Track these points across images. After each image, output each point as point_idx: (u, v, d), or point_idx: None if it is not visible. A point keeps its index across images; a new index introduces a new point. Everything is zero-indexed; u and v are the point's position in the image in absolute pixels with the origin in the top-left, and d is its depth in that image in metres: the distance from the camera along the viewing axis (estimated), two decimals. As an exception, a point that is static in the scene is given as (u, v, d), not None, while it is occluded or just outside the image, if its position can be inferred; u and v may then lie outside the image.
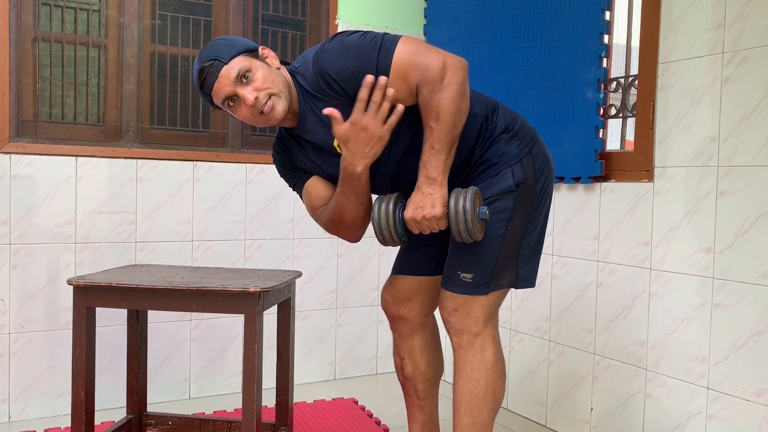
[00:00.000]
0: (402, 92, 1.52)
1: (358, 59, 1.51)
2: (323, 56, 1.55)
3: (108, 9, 2.65)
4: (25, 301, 2.46)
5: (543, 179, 1.69)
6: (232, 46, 1.58)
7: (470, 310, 1.65)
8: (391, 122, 1.52)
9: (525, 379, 2.62)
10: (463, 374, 1.67)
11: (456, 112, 1.50)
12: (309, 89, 1.59)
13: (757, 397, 1.85)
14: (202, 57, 1.58)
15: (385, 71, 1.50)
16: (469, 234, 1.52)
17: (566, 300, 2.44)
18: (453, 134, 1.52)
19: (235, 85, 1.55)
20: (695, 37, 2.00)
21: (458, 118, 1.52)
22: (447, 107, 1.49)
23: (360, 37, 1.55)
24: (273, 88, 1.56)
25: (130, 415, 2.13)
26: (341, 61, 1.53)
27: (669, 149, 2.08)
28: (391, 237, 1.58)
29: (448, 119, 1.50)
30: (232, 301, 1.73)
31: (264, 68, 1.57)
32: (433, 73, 1.49)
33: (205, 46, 1.62)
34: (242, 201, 2.78)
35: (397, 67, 1.51)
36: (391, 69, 1.50)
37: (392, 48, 1.51)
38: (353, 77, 1.52)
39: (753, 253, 1.85)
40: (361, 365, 3.13)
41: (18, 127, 2.50)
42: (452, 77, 1.49)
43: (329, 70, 1.54)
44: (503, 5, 2.65)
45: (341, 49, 1.54)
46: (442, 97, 1.49)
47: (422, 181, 1.54)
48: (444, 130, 1.50)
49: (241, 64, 1.55)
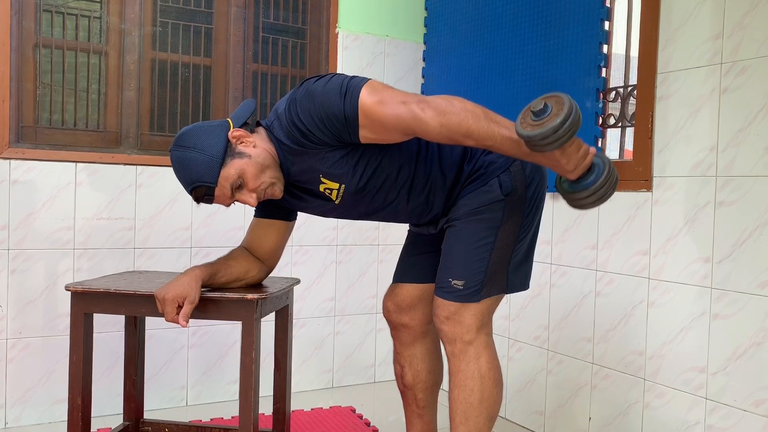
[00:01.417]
0: (373, 133, 1.52)
1: (325, 105, 1.50)
2: (293, 107, 1.55)
3: (109, 16, 2.66)
4: (22, 307, 2.46)
5: (534, 185, 1.69)
6: (210, 159, 1.54)
7: (462, 318, 1.65)
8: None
9: (523, 388, 2.62)
10: (458, 383, 1.67)
11: (458, 130, 1.45)
12: (286, 142, 1.59)
13: (756, 408, 1.84)
14: (186, 179, 1.57)
15: (352, 116, 1.49)
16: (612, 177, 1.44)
17: (565, 309, 2.44)
18: (490, 128, 1.45)
19: (233, 196, 1.59)
20: (694, 48, 2.01)
21: (468, 128, 1.45)
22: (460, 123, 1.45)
23: (325, 83, 1.53)
24: (264, 183, 1.59)
25: (127, 421, 2.12)
26: (309, 109, 1.52)
27: (668, 159, 2.08)
28: (557, 142, 1.37)
29: (472, 126, 1.44)
30: (230, 308, 1.72)
31: (248, 164, 1.56)
32: (410, 124, 1.47)
33: (179, 157, 1.56)
34: (241, 208, 2.78)
35: (365, 112, 1.48)
36: (358, 114, 1.49)
37: (356, 93, 1.49)
38: (323, 123, 1.51)
39: (751, 263, 1.85)
40: (360, 373, 3.13)
41: (18, 132, 2.51)
42: (429, 119, 1.45)
43: (301, 119, 1.53)
44: (503, 14, 2.66)
45: (308, 97, 1.52)
46: (439, 134, 1.46)
47: (559, 154, 1.43)
48: (482, 134, 1.45)
49: (230, 178, 1.56)
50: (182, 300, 1.63)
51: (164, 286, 1.67)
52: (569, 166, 1.42)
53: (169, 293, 1.63)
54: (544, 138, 1.35)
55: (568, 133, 1.35)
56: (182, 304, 1.64)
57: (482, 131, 1.44)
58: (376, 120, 1.49)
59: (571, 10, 2.37)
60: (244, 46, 2.91)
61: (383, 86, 1.52)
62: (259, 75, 2.96)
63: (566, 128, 1.34)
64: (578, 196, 1.47)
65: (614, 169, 1.46)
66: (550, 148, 1.37)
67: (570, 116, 1.34)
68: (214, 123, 1.62)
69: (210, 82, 2.86)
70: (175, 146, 1.59)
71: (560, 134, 1.34)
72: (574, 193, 1.47)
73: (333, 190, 1.63)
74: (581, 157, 1.42)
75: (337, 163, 1.58)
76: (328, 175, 1.60)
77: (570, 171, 1.44)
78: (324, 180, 1.61)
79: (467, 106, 1.46)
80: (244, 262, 1.79)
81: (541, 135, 1.34)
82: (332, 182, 1.61)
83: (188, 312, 1.64)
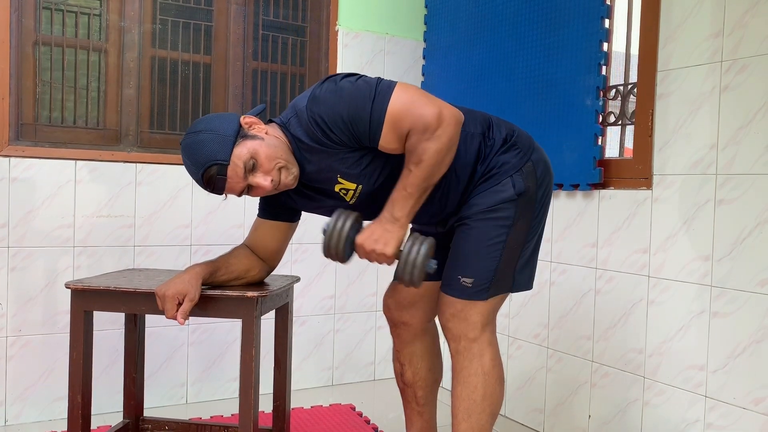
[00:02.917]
0: (392, 142, 1.52)
1: (352, 107, 1.49)
2: (316, 104, 1.52)
3: (109, 13, 2.66)
4: (22, 304, 2.46)
5: (544, 186, 1.70)
6: (222, 138, 1.52)
7: (468, 316, 1.65)
8: None
9: (523, 386, 2.62)
10: (461, 379, 1.67)
11: (438, 163, 1.50)
12: (305, 140, 1.56)
13: (755, 406, 1.84)
14: (198, 161, 1.53)
15: (378, 120, 1.49)
16: (412, 281, 1.53)
17: (564, 307, 2.44)
18: (428, 182, 1.52)
19: (246, 177, 1.54)
20: (694, 46, 2.01)
21: (437, 170, 1.52)
22: (431, 157, 1.48)
23: (353, 83, 1.51)
24: (280, 161, 1.55)
25: (127, 419, 2.13)
26: (335, 108, 1.50)
27: (668, 157, 2.08)
28: (336, 252, 1.56)
29: (428, 168, 1.50)
30: (230, 305, 1.73)
31: (261, 145, 1.54)
32: (427, 122, 1.47)
33: (190, 143, 1.54)
34: (241, 205, 2.78)
35: (392, 117, 1.48)
36: (385, 119, 1.49)
37: (387, 97, 1.49)
38: (348, 126, 1.50)
39: (751, 261, 1.86)
40: (359, 371, 3.13)
41: (18, 130, 2.51)
42: (444, 130, 1.48)
43: (324, 117, 1.51)
44: (503, 12, 2.66)
45: (334, 95, 1.51)
46: (429, 146, 1.48)
47: (386, 216, 1.54)
48: (421, 176, 1.50)
49: (242, 156, 1.52)
50: (182, 297, 1.63)
51: (165, 283, 1.67)
52: None
53: (169, 290, 1.63)
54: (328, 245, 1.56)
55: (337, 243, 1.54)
56: (182, 302, 1.64)
57: (428, 174, 1.52)
58: (398, 120, 1.49)
59: (571, 7, 2.36)
60: (244, 43, 2.90)
61: (415, 90, 1.53)
62: (259, 73, 2.95)
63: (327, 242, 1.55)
64: None
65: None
66: None
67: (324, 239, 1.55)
68: (225, 113, 1.62)
69: (210, 80, 2.86)
70: (186, 135, 1.57)
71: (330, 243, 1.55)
72: None
73: (349, 191, 1.62)
74: None
75: (357, 163, 1.57)
76: (347, 175, 1.59)
77: None
78: (342, 180, 1.60)
79: (444, 159, 1.53)
80: (245, 261, 1.79)
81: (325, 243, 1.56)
82: (350, 183, 1.61)
83: (188, 309, 1.64)
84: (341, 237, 1.53)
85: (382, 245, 1.53)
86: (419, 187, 1.52)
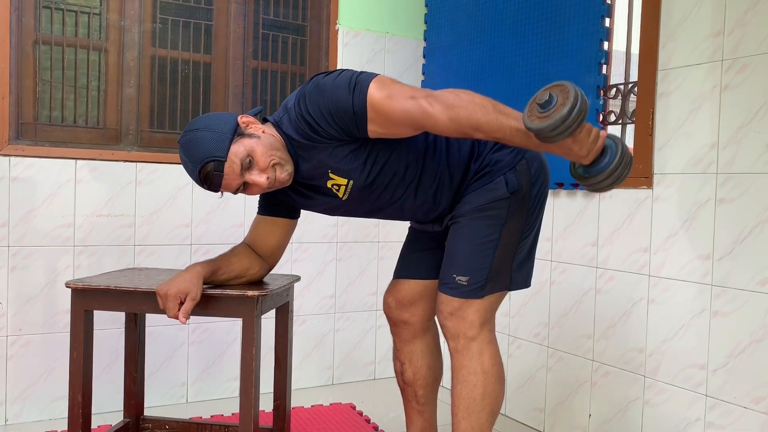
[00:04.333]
0: (385, 126, 1.51)
1: (334, 99, 1.50)
2: (302, 102, 1.55)
3: (109, 12, 2.66)
4: (23, 304, 2.46)
5: (539, 184, 1.70)
6: (220, 135, 1.54)
7: (466, 314, 1.65)
8: None
9: (523, 385, 2.62)
10: (460, 378, 1.67)
11: (467, 123, 1.45)
12: (296, 137, 1.59)
13: (756, 405, 1.84)
14: (196, 157, 1.54)
15: (361, 110, 1.49)
16: (620, 179, 1.44)
17: (565, 306, 2.44)
18: (495, 125, 1.44)
19: (242, 174, 1.55)
20: (695, 45, 2.00)
21: (476, 121, 1.44)
22: (462, 126, 1.45)
23: (335, 78, 1.53)
24: (274, 158, 1.56)
25: (128, 418, 2.13)
26: (319, 102, 1.52)
27: (668, 156, 2.08)
28: (578, 120, 1.35)
29: (475, 126, 1.44)
30: (231, 304, 1.73)
31: (258, 143, 1.56)
32: (419, 119, 1.47)
33: (188, 140, 1.56)
34: (241, 205, 2.78)
35: (373, 106, 1.49)
36: (367, 108, 1.49)
37: (365, 87, 1.49)
38: (333, 118, 1.51)
39: (752, 260, 1.85)
40: (360, 370, 3.13)
41: (18, 129, 2.50)
42: (438, 114, 1.45)
43: (310, 112, 1.53)
44: (503, 11, 2.65)
45: (317, 91, 1.53)
46: (448, 128, 1.46)
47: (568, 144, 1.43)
48: (490, 130, 1.44)
49: (240, 154, 1.54)
50: (184, 296, 1.63)
51: (166, 282, 1.67)
52: (582, 152, 1.42)
53: (171, 289, 1.63)
54: (554, 129, 1.34)
55: (577, 120, 1.34)
56: (184, 301, 1.64)
57: (491, 124, 1.43)
58: (384, 114, 1.49)
59: (571, 6, 2.36)
60: (244, 42, 2.90)
61: (392, 81, 1.53)
62: (259, 72, 2.95)
63: (574, 117, 1.33)
64: (595, 180, 1.46)
65: (627, 148, 1.46)
66: (560, 137, 1.36)
67: (576, 104, 1.33)
68: (223, 112, 1.63)
69: (210, 79, 2.86)
70: (184, 133, 1.59)
71: (569, 123, 1.34)
72: (590, 178, 1.47)
73: (341, 186, 1.63)
74: (593, 141, 1.42)
75: (346, 158, 1.58)
76: (337, 170, 1.60)
77: (583, 156, 1.43)
78: (332, 176, 1.61)
79: (475, 99, 1.45)
80: (246, 259, 1.79)
81: (551, 126, 1.34)
82: (341, 178, 1.61)
83: (189, 308, 1.64)
84: (586, 110, 1.36)
85: (594, 138, 1.43)
86: (502, 128, 1.44)
